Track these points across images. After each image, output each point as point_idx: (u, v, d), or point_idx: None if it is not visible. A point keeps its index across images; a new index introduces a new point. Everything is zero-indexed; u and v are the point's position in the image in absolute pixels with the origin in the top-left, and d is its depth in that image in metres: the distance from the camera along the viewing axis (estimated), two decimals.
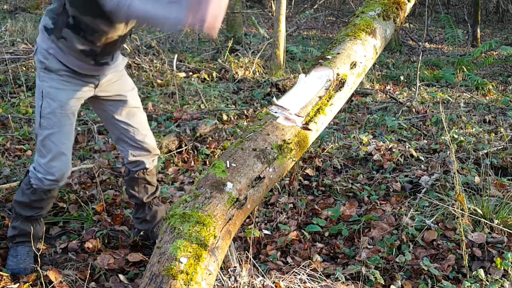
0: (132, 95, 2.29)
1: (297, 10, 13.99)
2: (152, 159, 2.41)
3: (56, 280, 2.12)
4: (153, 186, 2.47)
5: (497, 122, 4.78)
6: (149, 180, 2.44)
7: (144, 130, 2.33)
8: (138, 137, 2.31)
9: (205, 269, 1.45)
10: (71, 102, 2.09)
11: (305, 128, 1.87)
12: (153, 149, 2.38)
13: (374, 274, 2.21)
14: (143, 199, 2.45)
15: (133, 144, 2.32)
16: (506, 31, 13.87)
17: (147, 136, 2.34)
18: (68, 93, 2.08)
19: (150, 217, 2.50)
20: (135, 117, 2.29)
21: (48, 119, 2.08)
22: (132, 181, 2.42)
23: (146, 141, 2.34)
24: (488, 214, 2.61)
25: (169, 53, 7.20)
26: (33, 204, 2.23)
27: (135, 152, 2.34)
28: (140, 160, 2.36)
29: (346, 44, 2.14)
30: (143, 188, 2.44)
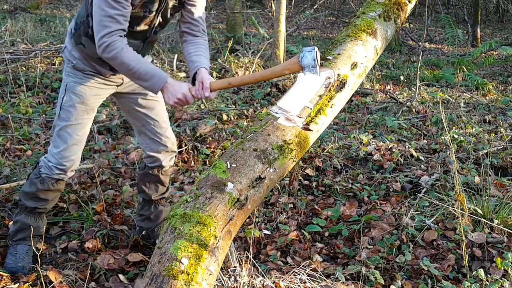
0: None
1: (297, 10, 13.99)
2: (170, 157, 2.44)
3: (56, 280, 2.12)
4: (164, 186, 2.50)
5: (497, 122, 4.78)
6: (162, 179, 2.47)
7: (164, 124, 2.38)
8: (158, 129, 2.35)
9: (205, 269, 1.45)
10: (92, 99, 2.18)
11: (306, 129, 1.87)
12: (172, 144, 2.42)
13: (374, 274, 2.21)
14: (151, 196, 2.48)
15: (152, 137, 2.36)
16: (506, 31, 13.87)
17: (167, 129, 2.39)
18: (91, 90, 2.16)
19: (154, 216, 2.52)
20: (156, 110, 2.34)
21: (67, 112, 2.16)
22: (146, 176, 2.46)
23: (166, 134, 2.38)
24: (488, 214, 2.61)
25: (169, 53, 7.20)
26: (40, 194, 2.25)
27: (154, 146, 2.38)
28: (157, 156, 2.39)
29: (347, 45, 2.14)
30: (154, 186, 2.47)
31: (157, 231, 2.52)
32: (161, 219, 2.54)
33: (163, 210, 2.54)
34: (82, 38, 2.08)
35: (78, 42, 2.10)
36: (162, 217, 2.54)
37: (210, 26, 10.75)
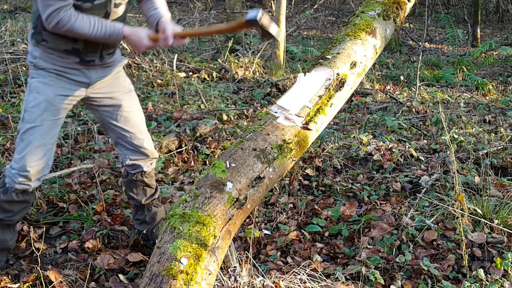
0: (128, 99, 2.24)
1: (297, 10, 13.99)
2: (150, 162, 2.38)
3: (56, 280, 2.12)
4: (152, 188, 2.45)
5: (497, 122, 4.78)
6: (147, 182, 2.41)
7: (141, 135, 2.29)
8: (135, 142, 2.28)
9: (205, 269, 1.45)
10: (57, 99, 2.06)
11: (305, 128, 1.86)
12: (151, 153, 2.35)
13: (374, 274, 2.21)
14: (141, 201, 2.44)
15: (130, 148, 2.30)
16: (506, 31, 13.87)
17: (144, 140, 2.31)
18: (55, 89, 2.05)
19: (149, 219, 2.49)
20: (132, 122, 2.25)
21: (30, 113, 2.04)
22: (131, 183, 2.41)
23: (143, 145, 2.30)
24: (488, 214, 2.61)
25: (169, 53, 7.20)
26: (4, 205, 2.14)
27: (133, 156, 2.31)
28: (137, 164, 2.33)
29: (346, 44, 2.14)
30: (141, 190, 2.42)
31: (155, 232, 2.50)
32: (157, 220, 2.50)
33: (157, 211, 2.50)
34: (43, 34, 1.99)
35: (40, 40, 2.00)
36: (158, 217, 2.51)
37: (210, 26, 10.75)
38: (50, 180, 3.15)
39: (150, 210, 2.48)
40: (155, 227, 2.51)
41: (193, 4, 11.57)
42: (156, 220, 2.50)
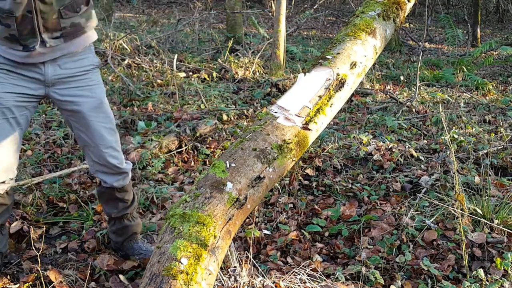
0: (92, 107, 2.07)
1: (297, 10, 13.99)
2: (120, 177, 2.21)
3: (56, 280, 2.12)
4: (125, 203, 2.30)
5: (497, 122, 4.78)
6: (119, 197, 2.26)
7: (105, 148, 2.11)
8: (99, 154, 2.12)
9: (205, 269, 1.45)
10: (5, 96, 1.93)
11: (305, 128, 1.86)
12: (118, 168, 2.17)
13: (374, 274, 2.21)
14: (111, 214, 2.32)
15: (95, 160, 2.15)
16: (506, 31, 13.87)
17: (108, 154, 2.12)
18: (2, 86, 1.93)
19: (119, 231, 2.36)
20: (95, 133, 2.08)
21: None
22: (102, 194, 2.29)
23: (108, 160, 2.13)
24: (488, 214, 2.61)
25: (169, 53, 7.20)
26: None
27: (98, 168, 2.17)
28: (104, 179, 2.20)
29: (346, 44, 2.14)
30: (112, 203, 2.29)
31: (126, 244, 2.37)
32: (129, 234, 2.36)
33: (129, 225, 2.35)
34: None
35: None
36: (130, 231, 2.36)
37: (210, 26, 10.76)
38: (50, 180, 3.15)
39: (122, 223, 2.34)
40: (126, 240, 2.38)
41: (193, 4, 11.57)
42: (127, 234, 2.36)
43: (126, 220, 2.35)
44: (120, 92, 5.43)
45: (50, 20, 1.89)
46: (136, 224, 2.40)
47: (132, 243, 2.38)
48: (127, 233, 2.37)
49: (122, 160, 2.21)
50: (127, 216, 2.35)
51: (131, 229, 2.37)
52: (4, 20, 1.85)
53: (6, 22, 1.85)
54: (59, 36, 1.94)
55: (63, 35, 1.95)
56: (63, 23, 1.92)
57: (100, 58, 6.67)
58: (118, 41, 7.13)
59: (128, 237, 2.38)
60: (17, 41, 1.89)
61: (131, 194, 2.33)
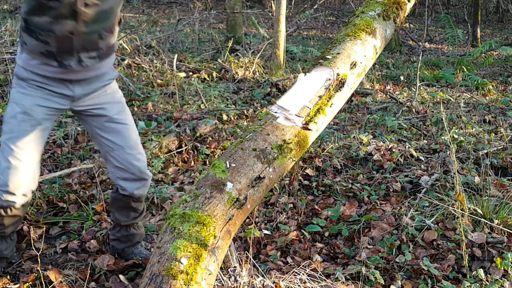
0: (117, 110, 2.11)
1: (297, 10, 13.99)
2: (140, 185, 2.21)
3: (56, 280, 2.12)
4: (136, 212, 2.30)
5: (497, 122, 4.78)
6: (134, 206, 2.26)
7: (131, 150, 2.12)
8: (123, 156, 2.11)
9: (205, 269, 1.45)
10: (36, 109, 1.96)
11: (305, 128, 1.86)
12: (141, 172, 2.17)
13: (374, 274, 2.21)
14: (121, 222, 2.31)
15: (117, 165, 2.14)
16: (506, 31, 13.87)
17: (134, 157, 2.13)
18: (34, 99, 1.96)
19: (124, 239, 2.36)
20: (121, 135, 2.10)
21: (8, 124, 1.95)
22: (116, 201, 2.27)
23: (132, 162, 2.13)
24: (488, 214, 2.61)
25: (169, 53, 7.20)
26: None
27: (120, 174, 2.16)
28: (125, 186, 2.19)
29: (346, 44, 2.14)
30: (125, 212, 2.28)
31: (127, 250, 2.37)
32: (133, 242, 2.36)
33: (134, 233, 2.35)
34: (23, 37, 1.90)
35: (22, 43, 1.92)
36: (134, 240, 2.36)
37: (210, 26, 10.76)
38: (50, 180, 3.15)
39: (128, 231, 2.34)
40: (128, 247, 2.38)
41: (193, 4, 11.57)
42: (131, 242, 2.37)
43: (133, 229, 2.35)
44: None
45: (90, 41, 1.92)
46: (141, 233, 2.40)
47: (133, 248, 2.39)
48: (131, 241, 2.37)
49: (145, 165, 2.21)
50: (134, 225, 2.34)
51: (136, 238, 2.37)
52: (42, 37, 1.86)
53: (44, 39, 1.87)
54: (95, 56, 1.97)
55: (99, 55, 1.98)
56: (101, 43, 1.96)
57: None
58: (118, 41, 7.13)
59: (129, 245, 2.38)
60: (53, 57, 1.91)
61: (143, 205, 2.33)
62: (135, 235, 2.37)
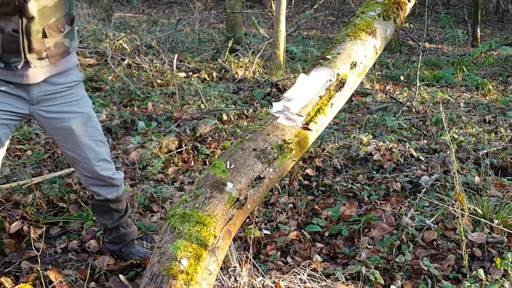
0: (80, 121, 2.01)
1: (297, 10, 13.99)
2: (113, 189, 2.18)
3: (56, 280, 2.12)
4: (119, 212, 2.28)
5: (497, 122, 4.78)
6: (113, 207, 2.24)
7: (96, 161, 2.06)
8: (91, 168, 2.06)
9: (205, 269, 1.45)
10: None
11: (306, 128, 1.86)
12: (111, 179, 2.14)
13: (374, 274, 2.21)
14: (107, 225, 2.31)
15: (86, 175, 2.10)
16: (506, 31, 13.87)
17: (101, 167, 2.08)
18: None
19: (117, 240, 2.36)
20: (85, 148, 2.03)
21: None
22: (96, 207, 2.27)
23: (100, 172, 2.09)
24: (488, 214, 2.61)
25: (169, 53, 7.20)
26: None
27: (91, 181, 2.13)
28: (98, 191, 2.16)
29: (346, 44, 2.14)
30: (107, 215, 2.27)
31: (124, 251, 2.37)
32: (127, 241, 2.36)
33: (125, 232, 2.34)
34: None
35: None
36: (128, 238, 2.36)
37: (210, 26, 10.76)
38: (50, 180, 3.15)
39: (118, 232, 2.34)
40: (124, 247, 2.38)
41: (193, 4, 11.57)
42: (125, 241, 2.37)
43: (122, 228, 2.34)
44: (120, 92, 5.43)
45: (35, 40, 1.82)
46: (133, 231, 2.40)
47: (130, 248, 2.39)
48: (125, 241, 2.37)
49: (114, 171, 2.17)
50: (122, 224, 2.34)
51: (128, 236, 2.37)
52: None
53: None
54: (44, 57, 1.88)
55: (48, 55, 1.88)
56: (47, 43, 1.86)
57: (100, 58, 6.67)
58: (118, 41, 7.13)
59: (124, 244, 2.38)
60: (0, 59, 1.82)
61: (124, 203, 2.31)
62: (127, 234, 2.36)
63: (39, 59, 1.86)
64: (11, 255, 2.42)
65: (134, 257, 2.35)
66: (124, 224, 2.35)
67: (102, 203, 2.23)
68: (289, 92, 1.96)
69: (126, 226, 2.36)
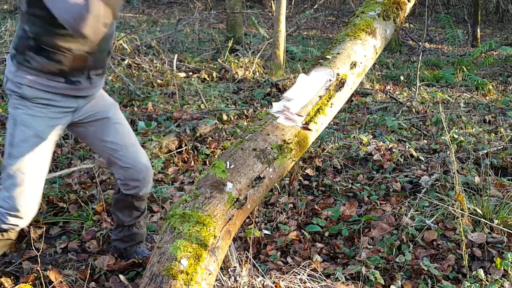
0: (114, 111, 2.13)
1: (297, 10, 13.99)
2: (146, 185, 2.23)
3: (56, 280, 2.12)
4: (139, 211, 2.32)
5: (497, 122, 4.78)
6: (137, 205, 2.28)
7: (133, 147, 2.15)
8: (128, 155, 2.13)
9: (205, 269, 1.45)
10: (47, 131, 1.91)
11: (305, 128, 1.86)
12: (146, 168, 2.19)
13: (374, 274, 2.21)
14: (124, 222, 2.32)
15: (123, 166, 2.15)
16: (506, 31, 13.87)
17: (137, 153, 2.16)
18: (44, 120, 1.89)
19: (127, 238, 2.37)
20: (121, 134, 2.12)
21: (19, 148, 1.86)
22: (120, 201, 2.28)
23: (137, 158, 2.16)
24: (488, 214, 2.61)
25: (169, 53, 7.20)
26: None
27: (127, 174, 2.17)
28: (133, 185, 2.20)
29: (346, 44, 2.14)
30: (128, 212, 2.30)
31: (129, 249, 2.38)
32: (135, 241, 2.38)
33: (137, 232, 2.37)
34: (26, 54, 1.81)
35: (23, 60, 1.82)
36: (137, 239, 2.38)
37: (210, 26, 10.76)
38: (50, 180, 3.15)
39: (131, 231, 2.36)
40: (130, 246, 2.39)
41: (193, 4, 11.57)
42: (134, 241, 2.38)
43: (135, 228, 2.36)
44: (120, 92, 5.43)
45: (102, 58, 1.94)
46: (143, 232, 2.41)
47: (135, 248, 2.40)
48: (134, 241, 2.38)
49: (149, 160, 2.24)
50: (136, 224, 2.36)
51: (138, 237, 2.38)
52: (55, 56, 1.81)
53: (58, 58, 1.82)
54: (101, 73, 1.99)
55: (103, 71, 2.01)
56: (108, 60, 2.00)
57: None
58: (118, 41, 7.13)
59: (132, 244, 2.39)
60: (62, 75, 1.87)
61: (145, 203, 2.34)
62: (138, 234, 2.38)
63: (98, 75, 1.98)
64: (11, 255, 2.42)
65: (137, 257, 2.35)
66: (137, 224, 2.37)
67: (127, 199, 2.25)
68: (289, 92, 1.96)
69: (139, 226, 2.37)
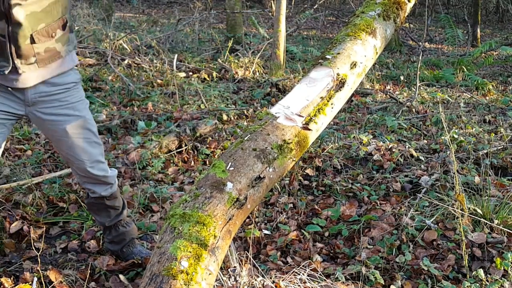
0: (76, 123, 2.01)
1: (297, 10, 13.99)
2: (107, 187, 2.21)
3: (56, 280, 2.12)
4: (116, 209, 2.29)
5: (497, 122, 4.78)
6: (109, 204, 2.25)
7: (90, 163, 2.08)
8: (85, 168, 2.09)
9: (205, 269, 1.45)
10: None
11: (306, 128, 1.86)
12: (105, 178, 2.16)
13: (374, 274, 2.21)
14: (105, 224, 2.31)
15: (81, 174, 2.13)
16: (506, 31, 13.87)
17: (94, 167, 2.10)
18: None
19: (117, 239, 2.36)
20: (80, 149, 2.04)
21: None
22: (92, 205, 2.28)
23: (94, 173, 2.11)
24: (488, 214, 2.61)
25: (169, 53, 7.20)
26: None
27: (85, 180, 2.16)
28: (93, 189, 2.18)
29: (346, 44, 2.13)
30: (104, 213, 2.28)
31: (125, 251, 2.38)
32: (127, 240, 2.37)
33: (125, 231, 2.35)
34: None
35: None
36: (128, 237, 2.36)
37: (210, 26, 10.76)
38: (50, 180, 3.15)
39: (118, 231, 2.34)
40: (125, 247, 2.38)
41: (193, 4, 11.57)
42: (125, 240, 2.37)
43: (121, 227, 2.35)
44: (120, 92, 5.43)
45: (22, 45, 1.80)
46: (132, 229, 2.40)
47: (131, 248, 2.39)
48: (125, 240, 2.37)
49: (108, 170, 2.19)
50: (121, 222, 2.34)
51: (128, 235, 2.37)
52: None
53: None
54: (33, 62, 1.86)
55: (37, 61, 1.86)
56: (36, 48, 1.84)
57: (100, 58, 6.67)
58: (118, 41, 7.14)
59: (126, 243, 2.38)
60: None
61: (120, 200, 2.32)
62: (126, 233, 2.36)
63: (28, 64, 1.85)
64: (11, 255, 2.42)
65: (135, 257, 2.35)
66: (122, 223, 2.35)
67: (98, 201, 2.24)
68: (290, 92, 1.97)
69: (125, 224, 2.36)
